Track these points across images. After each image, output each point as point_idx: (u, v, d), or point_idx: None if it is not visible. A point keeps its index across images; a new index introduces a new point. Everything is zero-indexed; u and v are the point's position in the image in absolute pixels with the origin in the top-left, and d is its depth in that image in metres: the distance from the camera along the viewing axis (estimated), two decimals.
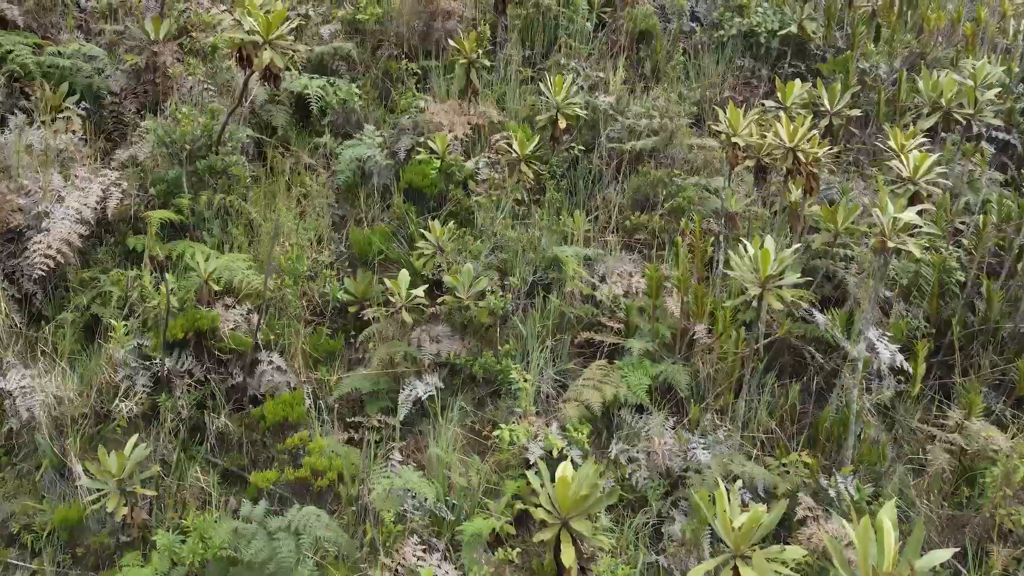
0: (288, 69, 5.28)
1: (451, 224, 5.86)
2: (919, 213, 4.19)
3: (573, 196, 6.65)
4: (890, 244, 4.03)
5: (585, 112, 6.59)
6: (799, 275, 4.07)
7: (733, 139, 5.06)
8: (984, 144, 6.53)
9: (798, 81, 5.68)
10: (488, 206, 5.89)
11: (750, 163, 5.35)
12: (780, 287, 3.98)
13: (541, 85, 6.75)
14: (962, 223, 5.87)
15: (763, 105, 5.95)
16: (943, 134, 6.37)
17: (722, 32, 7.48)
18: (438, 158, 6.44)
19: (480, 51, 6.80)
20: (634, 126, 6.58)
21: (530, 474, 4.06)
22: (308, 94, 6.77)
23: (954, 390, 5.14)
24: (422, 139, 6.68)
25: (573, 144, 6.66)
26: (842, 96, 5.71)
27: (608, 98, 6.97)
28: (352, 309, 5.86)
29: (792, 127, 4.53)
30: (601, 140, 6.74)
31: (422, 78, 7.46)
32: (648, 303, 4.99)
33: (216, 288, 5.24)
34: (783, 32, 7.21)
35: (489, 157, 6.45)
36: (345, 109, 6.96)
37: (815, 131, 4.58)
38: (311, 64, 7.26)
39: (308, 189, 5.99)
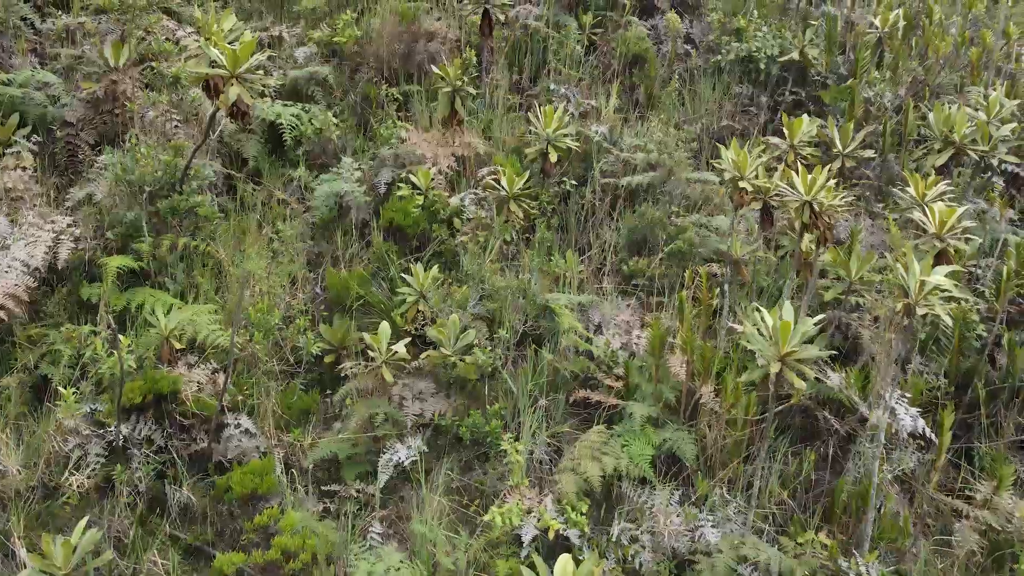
0: (261, 96, 4.85)
1: (435, 269, 5.44)
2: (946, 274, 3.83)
3: (564, 233, 6.27)
4: (919, 311, 3.67)
5: (577, 144, 6.20)
6: (823, 347, 3.70)
7: (740, 183, 4.68)
8: (994, 179, 6.22)
9: (806, 117, 5.33)
10: (475, 252, 5.48)
11: (756, 205, 4.98)
12: (801, 360, 3.61)
13: (530, 115, 6.36)
14: (975, 266, 5.54)
15: (766, 141, 5.59)
16: (952, 167, 6.05)
17: (719, 57, 7.12)
18: (420, 194, 6.03)
19: (465, 78, 6.39)
20: (630, 160, 6.20)
21: (525, 571, 3.65)
22: (281, 123, 6.33)
23: (976, 452, 4.80)
24: (404, 172, 6.27)
25: (564, 179, 6.27)
26: (854, 135, 5.35)
27: (601, 127, 6.58)
28: (328, 359, 5.44)
29: (810, 178, 4.16)
30: (594, 173, 6.35)
31: (403, 103, 7.04)
32: (650, 362, 4.61)
33: (178, 346, 4.79)
34: (784, 59, 6.86)
35: (475, 193, 6.05)
36: (321, 139, 6.52)
37: (832, 181, 4.21)
38: (284, 89, 6.81)
39: (281, 233, 5.54)
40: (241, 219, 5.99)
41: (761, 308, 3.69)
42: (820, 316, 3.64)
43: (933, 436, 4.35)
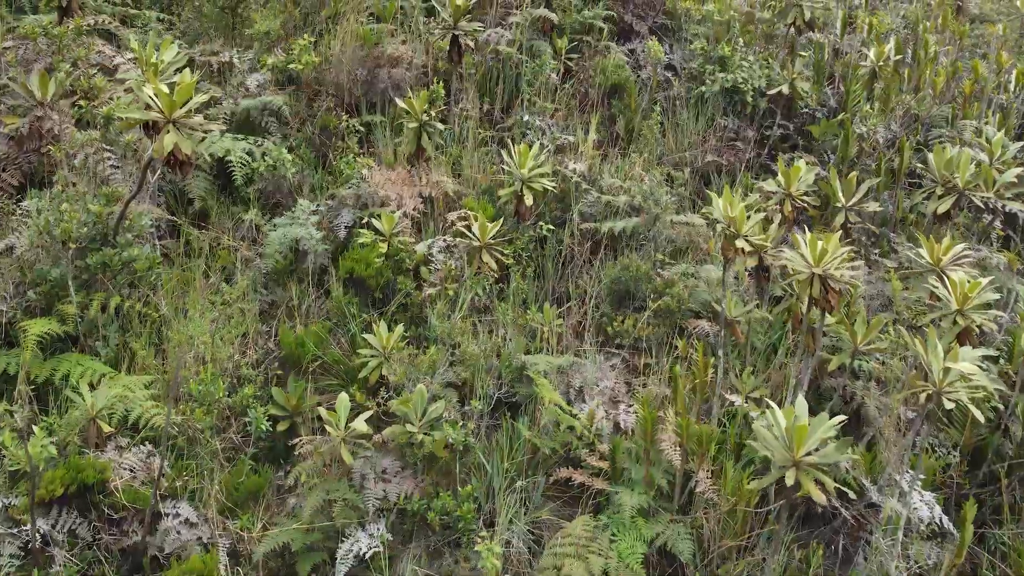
0: (200, 156, 4.29)
1: (400, 328, 4.94)
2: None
3: (541, 280, 5.79)
4: (947, 403, 3.26)
5: (553, 185, 5.73)
6: (847, 452, 3.28)
7: (737, 242, 4.25)
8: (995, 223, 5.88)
9: (803, 164, 4.92)
10: (444, 312, 4.98)
11: (752, 262, 4.55)
12: (819, 467, 3.18)
13: (503, 153, 5.88)
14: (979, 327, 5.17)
15: (760, 188, 5.17)
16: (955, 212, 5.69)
17: (703, 87, 6.70)
18: (383, 240, 5.51)
19: (432, 112, 5.89)
20: (612, 202, 5.75)
21: None
22: (230, 160, 5.77)
23: (990, 535, 4.42)
24: (366, 213, 5.75)
25: (541, 223, 5.79)
26: (859, 187, 4.95)
27: (579, 164, 6.12)
28: (282, 427, 4.91)
29: (820, 247, 3.73)
30: (572, 215, 5.89)
31: (365, 135, 6.51)
32: (640, 444, 4.15)
33: (108, 429, 4.22)
34: (773, 91, 6.45)
35: (444, 240, 5.54)
36: (275, 176, 5.98)
37: (847, 249, 3.79)
38: (235, 120, 6.24)
39: (228, 294, 4.98)
40: (186, 267, 5.44)
41: (772, 404, 3.24)
42: (840, 417, 3.22)
43: (951, 527, 3.96)
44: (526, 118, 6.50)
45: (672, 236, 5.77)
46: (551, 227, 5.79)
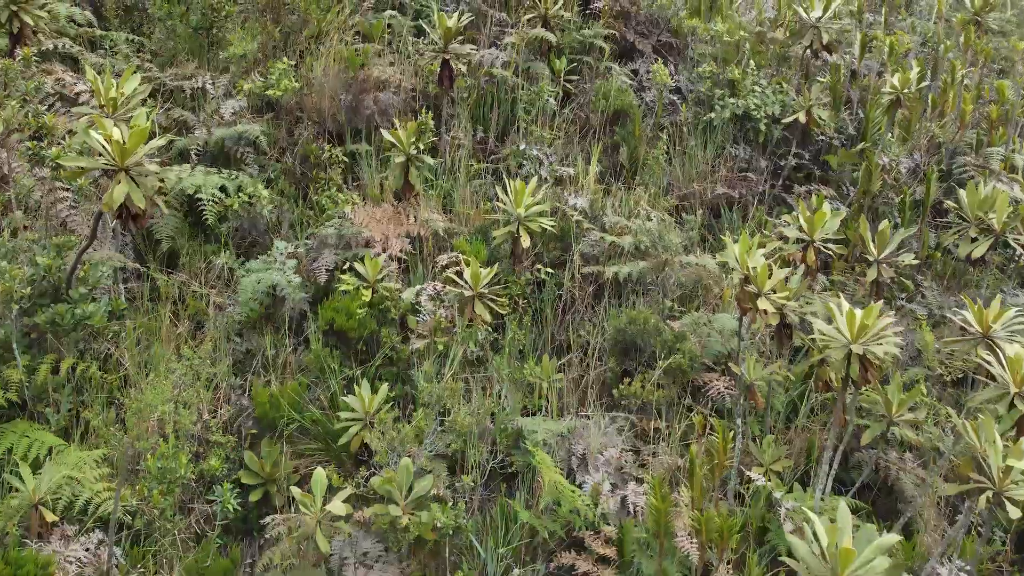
0: (157, 207, 3.81)
1: (384, 388, 4.47)
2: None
3: (539, 328, 5.33)
4: (1010, 508, 2.81)
5: (552, 224, 5.26)
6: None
7: (759, 302, 3.80)
8: None
9: (827, 208, 4.46)
10: (432, 373, 4.52)
11: (774, 320, 4.09)
12: None
13: (498, 189, 5.41)
14: None
15: (780, 232, 4.71)
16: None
17: (712, 114, 6.23)
18: (367, 287, 5.04)
19: (420, 144, 5.42)
20: (617, 243, 5.29)
21: None
22: (201, 199, 5.30)
23: None
24: (349, 254, 5.29)
25: (538, 265, 5.33)
26: (893, 236, 4.48)
27: (579, 199, 5.66)
28: (255, 496, 4.46)
29: (859, 321, 3.27)
30: (573, 257, 5.42)
31: (350, 165, 6.04)
32: (651, 529, 3.69)
33: (51, 518, 3.74)
34: (788, 120, 5.99)
35: (434, 287, 5.08)
36: (251, 213, 5.51)
37: (885, 320, 3.32)
38: (209, 151, 5.78)
39: (191, 359, 4.50)
40: (152, 315, 4.98)
41: (813, 516, 2.79)
42: (894, 537, 2.76)
43: None
44: (523, 147, 6.04)
45: (681, 280, 5.32)
46: (550, 270, 5.33)
